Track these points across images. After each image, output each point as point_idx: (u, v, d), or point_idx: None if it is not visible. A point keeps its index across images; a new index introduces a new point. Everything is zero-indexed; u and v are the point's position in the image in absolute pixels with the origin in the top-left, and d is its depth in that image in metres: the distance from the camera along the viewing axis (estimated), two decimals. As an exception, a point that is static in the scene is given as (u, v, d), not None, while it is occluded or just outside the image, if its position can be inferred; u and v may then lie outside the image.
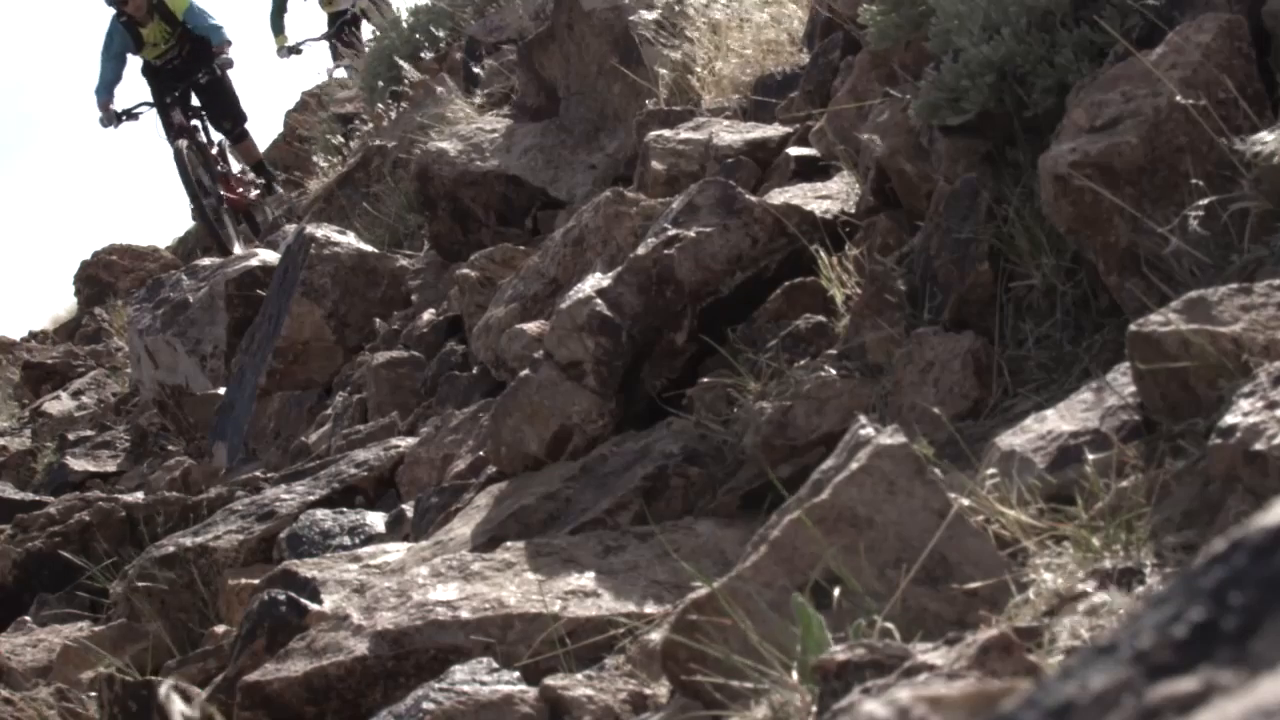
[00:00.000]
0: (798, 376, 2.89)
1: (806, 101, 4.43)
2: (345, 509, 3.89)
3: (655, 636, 2.14)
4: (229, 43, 11.08)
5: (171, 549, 3.96)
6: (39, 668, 3.78)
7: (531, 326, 4.05)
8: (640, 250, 3.38)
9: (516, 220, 6.12)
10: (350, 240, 6.56)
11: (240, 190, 11.72)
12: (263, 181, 11.91)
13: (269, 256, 7.48)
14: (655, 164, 4.57)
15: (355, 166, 8.90)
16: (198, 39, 11.05)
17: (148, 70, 11.26)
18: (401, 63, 9.77)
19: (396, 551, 3.15)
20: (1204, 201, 2.22)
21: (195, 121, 11.34)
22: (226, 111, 11.53)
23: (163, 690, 2.63)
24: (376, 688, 2.39)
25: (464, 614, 2.42)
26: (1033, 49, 2.69)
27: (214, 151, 11.52)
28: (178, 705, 1.34)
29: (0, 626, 4.41)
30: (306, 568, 3.02)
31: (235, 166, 12.05)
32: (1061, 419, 2.04)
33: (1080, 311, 2.54)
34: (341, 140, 10.11)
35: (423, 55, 10.40)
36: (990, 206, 2.74)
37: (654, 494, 2.90)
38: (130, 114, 11.06)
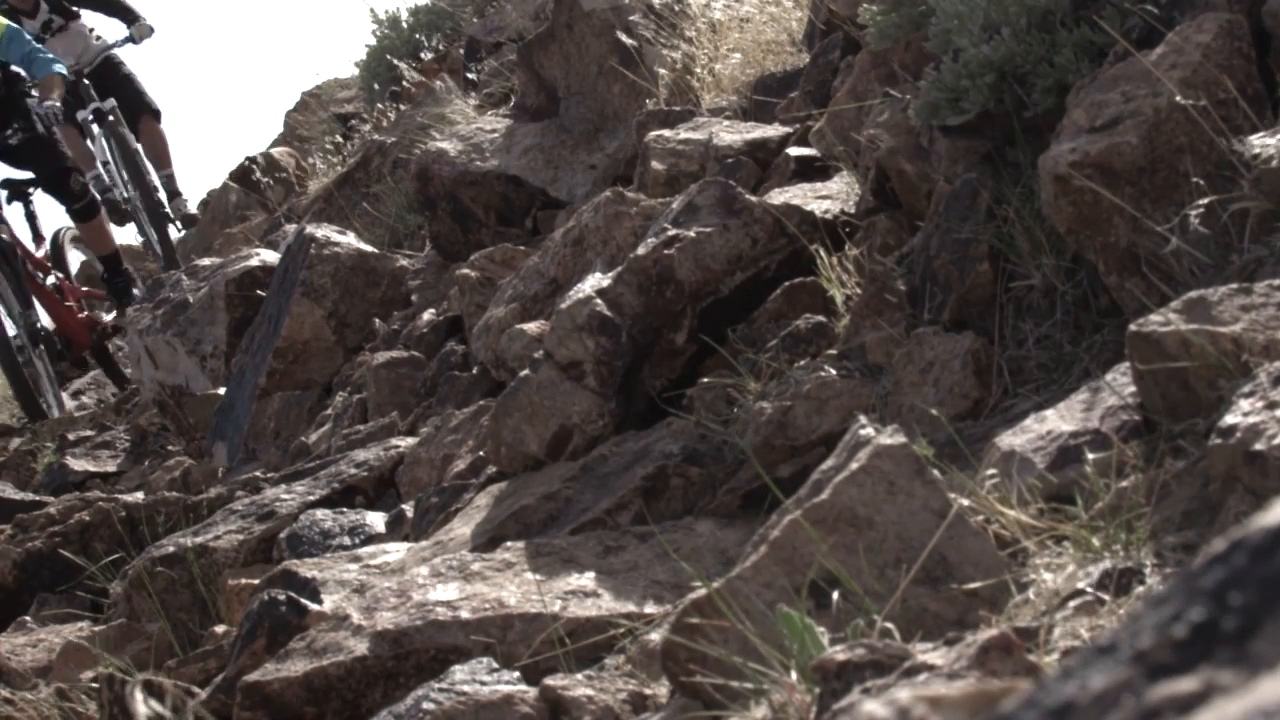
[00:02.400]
0: (798, 376, 2.89)
1: (806, 101, 4.43)
2: (345, 509, 3.89)
3: (655, 636, 2.14)
4: (57, 73, 8.08)
5: (171, 549, 3.95)
6: (39, 668, 3.78)
7: (531, 326, 4.05)
8: (640, 250, 3.38)
9: (516, 220, 6.12)
10: (350, 240, 6.56)
11: (83, 308, 8.56)
12: (119, 283, 8.54)
13: (269, 256, 7.48)
14: (655, 164, 4.57)
15: (355, 166, 8.90)
16: (8, 84, 8.03)
17: None
18: (400, 63, 9.77)
19: (396, 551, 3.15)
20: (1204, 201, 2.22)
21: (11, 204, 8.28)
22: (53, 177, 8.21)
23: (129, 688, 2.62)
24: (376, 688, 2.39)
25: (464, 614, 2.42)
26: (1033, 49, 2.69)
27: (39, 248, 8.38)
28: (140, 705, 1.33)
29: (0, 626, 4.41)
30: (306, 568, 3.02)
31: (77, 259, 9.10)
32: (1061, 419, 2.04)
33: (1080, 311, 2.54)
34: (341, 140, 10.12)
35: (423, 55, 10.40)
36: (990, 206, 2.74)
37: (654, 494, 2.90)
38: None
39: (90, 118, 9.30)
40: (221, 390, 6.85)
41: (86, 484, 7.05)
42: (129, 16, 9.59)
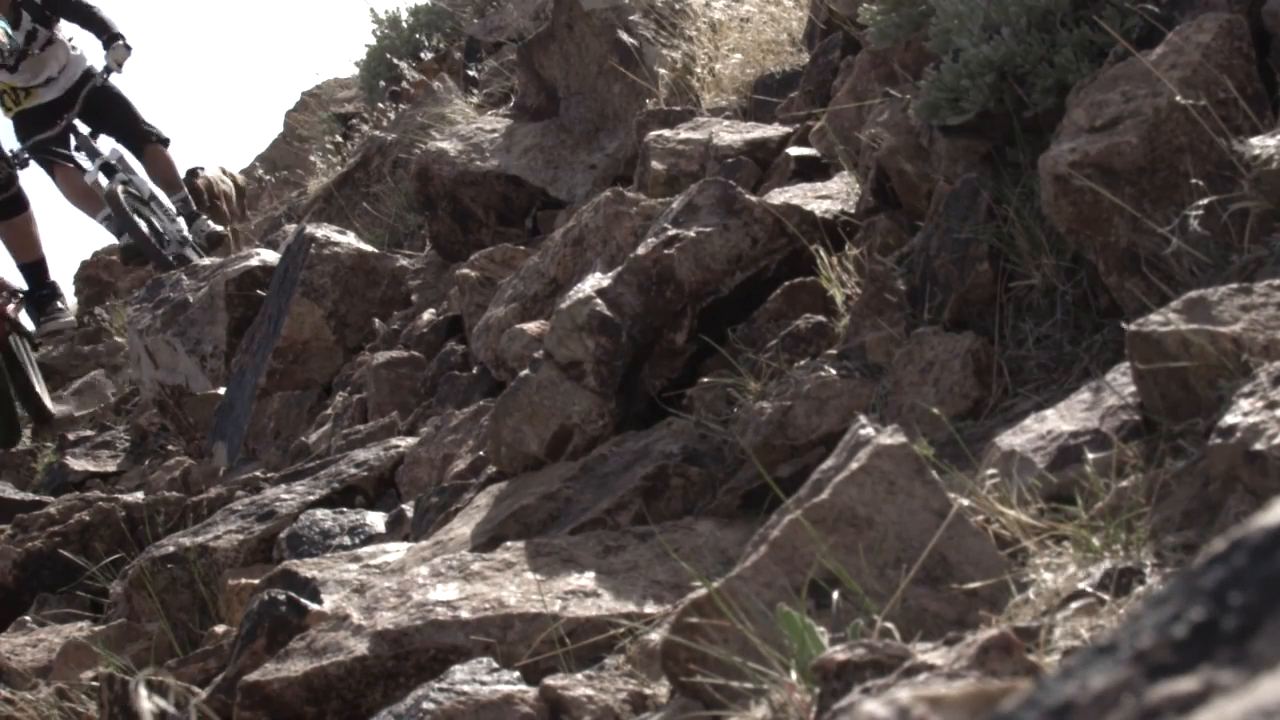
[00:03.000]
0: (798, 376, 2.89)
1: (806, 101, 4.43)
2: (345, 509, 3.89)
3: (655, 636, 2.14)
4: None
5: (171, 549, 3.96)
6: (39, 668, 3.78)
7: (531, 326, 4.05)
8: (640, 250, 3.38)
9: (516, 220, 6.12)
10: (350, 240, 6.56)
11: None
12: (42, 295, 7.43)
13: (269, 256, 7.48)
14: (655, 164, 4.57)
15: (355, 166, 8.90)
16: None
17: None
18: (400, 63, 9.77)
19: (396, 551, 3.15)
20: (1204, 201, 2.22)
21: None
22: None
23: (133, 684, 2.63)
24: (376, 688, 2.39)
25: (464, 614, 2.42)
26: (1033, 49, 2.69)
27: None
28: (145, 702, 1.33)
29: (0, 626, 4.41)
30: (306, 568, 3.02)
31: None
32: (1061, 419, 2.04)
33: (1080, 311, 2.54)
34: (341, 140, 10.11)
35: (423, 55, 10.40)
36: (990, 206, 2.74)
37: (654, 494, 2.90)
38: None
39: (100, 178, 8.53)
40: (221, 390, 6.85)
41: (86, 484, 7.05)
42: (106, 33, 8.60)
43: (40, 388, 7.88)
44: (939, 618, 1.72)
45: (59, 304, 7.94)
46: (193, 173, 10.80)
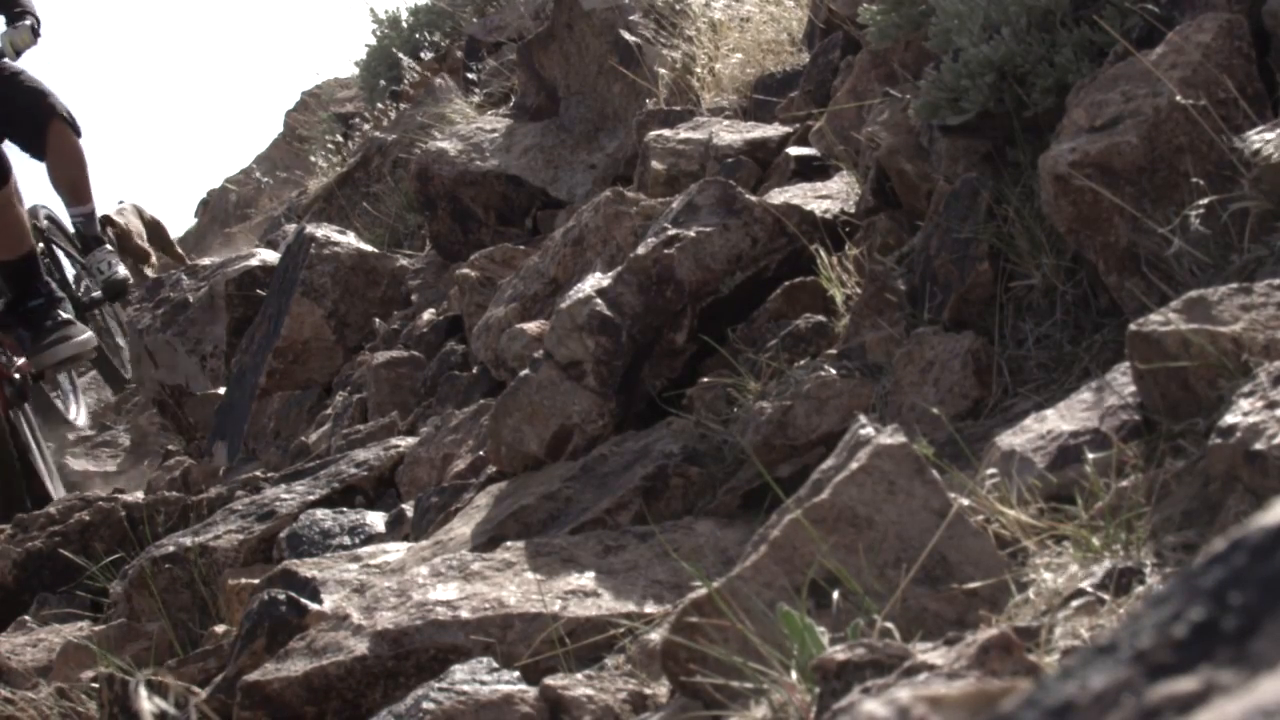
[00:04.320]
0: (798, 376, 2.89)
1: (806, 101, 4.43)
2: (345, 509, 3.89)
3: (655, 636, 2.14)
4: None
5: (171, 549, 3.95)
6: (39, 668, 3.78)
7: (531, 326, 4.05)
8: (640, 250, 3.38)
9: (516, 220, 6.12)
10: (350, 240, 6.56)
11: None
12: (35, 307, 5.82)
13: (269, 256, 7.48)
14: (655, 164, 4.57)
15: (355, 166, 8.90)
16: None
17: None
18: (404, 57, 9.76)
19: (396, 551, 3.15)
20: (1204, 201, 2.22)
21: None
22: None
23: (133, 684, 2.63)
24: (376, 688, 2.39)
25: (464, 614, 2.42)
26: (1033, 49, 2.69)
27: None
28: (145, 702, 1.34)
29: (0, 626, 4.41)
30: (306, 567, 3.02)
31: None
32: (1061, 419, 2.04)
33: (1080, 311, 2.54)
34: (341, 140, 10.11)
35: (423, 55, 10.40)
36: (990, 206, 2.74)
37: (654, 494, 2.90)
38: None
39: None
40: (221, 390, 6.85)
41: (86, 484, 7.05)
42: (11, 11, 6.81)
43: (45, 467, 6.23)
44: (939, 618, 1.73)
45: (60, 314, 6.14)
46: (106, 220, 8.54)
